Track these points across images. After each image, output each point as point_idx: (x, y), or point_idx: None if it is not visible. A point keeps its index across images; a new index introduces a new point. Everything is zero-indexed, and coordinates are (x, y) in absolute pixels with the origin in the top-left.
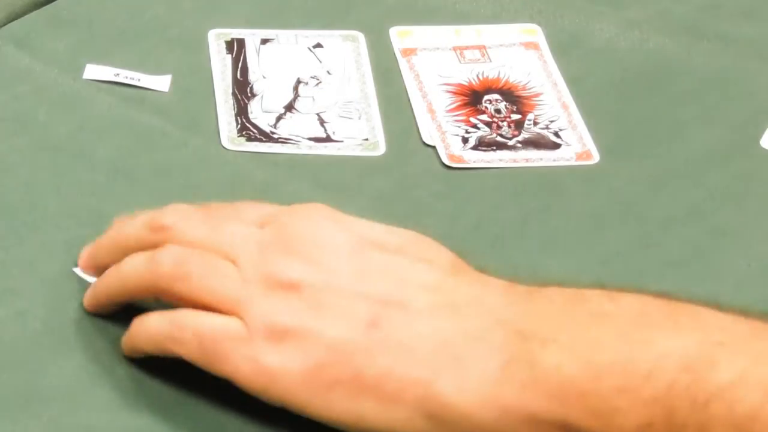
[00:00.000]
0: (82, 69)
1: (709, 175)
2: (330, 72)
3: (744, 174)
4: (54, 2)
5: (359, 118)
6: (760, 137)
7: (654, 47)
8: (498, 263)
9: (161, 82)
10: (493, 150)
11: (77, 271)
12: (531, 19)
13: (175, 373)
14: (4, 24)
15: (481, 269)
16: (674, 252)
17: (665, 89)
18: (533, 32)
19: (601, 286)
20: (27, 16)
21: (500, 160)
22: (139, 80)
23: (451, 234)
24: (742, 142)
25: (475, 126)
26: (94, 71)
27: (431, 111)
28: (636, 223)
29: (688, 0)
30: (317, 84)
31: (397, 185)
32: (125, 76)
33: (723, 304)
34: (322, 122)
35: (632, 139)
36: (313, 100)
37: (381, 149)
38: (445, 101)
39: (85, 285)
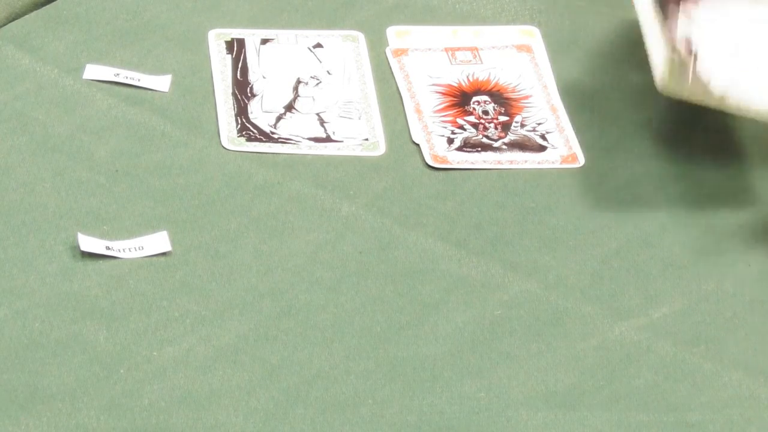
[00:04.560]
0: (82, 69)
1: (709, 175)
2: (330, 72)
3: (744, 174)
4: (54, 2)
5: (359, 118)
6: (760, 137)
7: None
8: (498, 262)
9: (161, 82)
10: (477, 151)
11: (80, 236)
12: (531, 20)
13: (175, 373)
14: (4, 24)
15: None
16: (674, 252)
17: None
18: (531, 34)
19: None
20: (27, 16)
21: (484, 161)
22: (139, 80)
23: (451, 234)
24: (742, 142)
25: (461, 127)
26: (94, 71)
27: (418, 111)
28: (636, 223)
29: None
30: (317, 84)
31: (397, 185)
32: (125, 76)
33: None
34: (322, 122)
35: (632, 139)
36: (313, 100)
37: (381, 149)
38: (433, 102)
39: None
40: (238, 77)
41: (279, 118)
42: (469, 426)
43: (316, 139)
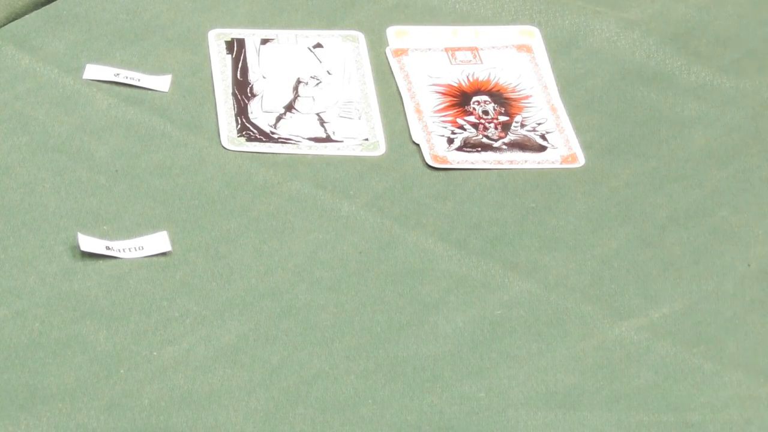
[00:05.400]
0: (82, 69)
1: (709, 175)
2: (330, 72)
3: (744, 174)
4: (54, 2)
5: (359, 118)
6: (760, 137)
7: (653, 47)
8: (498, 262)
9: (161, 82)
10: (477, 151)
11: (80, 236)
12: (531, 20)
13: (175, 373)
14: (4, 24)
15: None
16: (674, 252)
17: (665, 89)
18: (531, 34)
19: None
20: (27, 16)
21: (484, 161)
22: (139, 80)
23: (451, 234)
24: (742, 142)
25: (461, 127)
26: (94, 71)
27: (418, 111)
28: (636, 223)
29: (688, 0)
30: (317, 84)
31: (397, 185)
32: (125, 76)
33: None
34: (322, 122)
35: (632, 139)
36: (313, 100)
37: (381, 149)
38: (433, 102)
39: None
40: (238, 77)
41: (279, 118)
42: (469, 426)
43: (316, 139)
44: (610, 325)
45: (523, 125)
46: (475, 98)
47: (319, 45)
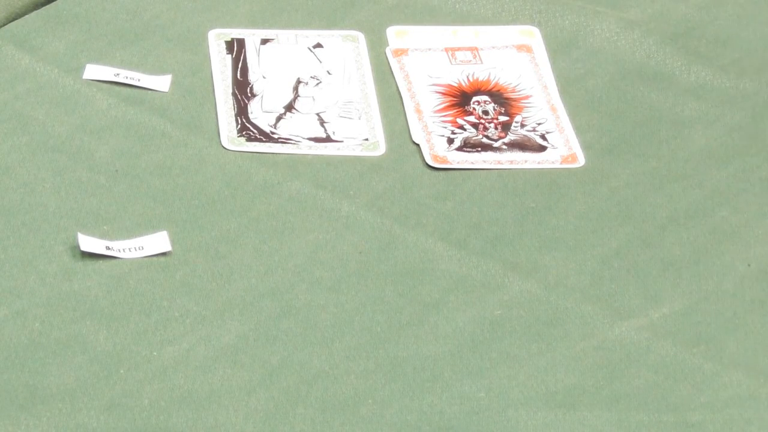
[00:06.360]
0: (82, 69)
1: (709, 175)
2: (330, 72)
3: (744, 174)
4: (54, 2)
5: (359, 118)
6: (760, 137)
7: (654, 47)
8: (498, 262)
9: (161, 82)
10: (477, 151)
11: (80, 236)
12: (531, 20)
13: (175, 373)
14: (4, 24)
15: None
16: (674, 252)
17: (665, 89)
18: (531, 34)
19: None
20: (27, 16)
21: (484, 161)
22: (139, 80)
23: (451, 234)
24: (742, 142)
25: (461, 127)
26: (94, 71)
27: (418, 111)
28: (636, 223)
29: (688, 0)
30: (317, 84)
31: (397, 185)
32: (125, 76)
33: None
34: (322, 122)
35: (632, 139)
36: (313, 100)
37: (381, 149)
38: (433, 102)
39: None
40: (238, 77)
41: (279, 118)
42: (469, 426)
43: (316, 139)
44: (610, 325)
45: (523, 125)
46: (475, 98)
47: (319, 45)
